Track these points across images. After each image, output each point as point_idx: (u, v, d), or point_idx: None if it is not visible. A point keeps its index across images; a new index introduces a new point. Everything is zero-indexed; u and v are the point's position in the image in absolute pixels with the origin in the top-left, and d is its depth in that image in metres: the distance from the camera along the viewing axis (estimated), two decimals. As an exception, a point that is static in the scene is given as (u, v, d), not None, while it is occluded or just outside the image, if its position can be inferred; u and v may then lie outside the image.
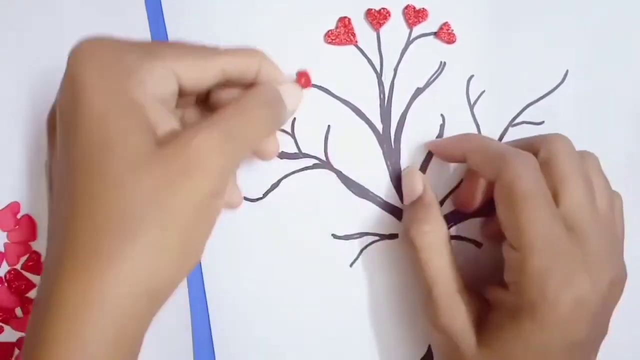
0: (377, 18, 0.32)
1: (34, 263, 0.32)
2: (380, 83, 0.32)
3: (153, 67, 0.23)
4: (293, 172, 0.32)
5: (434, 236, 0.28)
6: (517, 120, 0.32)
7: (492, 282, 0.28)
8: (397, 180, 0.32)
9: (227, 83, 0.27)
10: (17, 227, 0.32)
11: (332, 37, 0.32)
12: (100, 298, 0.20)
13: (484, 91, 0.32)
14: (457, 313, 0.27)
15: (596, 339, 0.27)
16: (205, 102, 0.29)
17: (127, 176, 0.21)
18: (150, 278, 0.21)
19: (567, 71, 0.32)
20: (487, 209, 0.30)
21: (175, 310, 0.32)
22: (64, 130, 0.23)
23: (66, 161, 0.22)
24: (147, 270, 0.21)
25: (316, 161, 0.32)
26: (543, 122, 0.32)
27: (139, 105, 0.22)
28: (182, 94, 0.25)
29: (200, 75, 0.25)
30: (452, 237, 0.32)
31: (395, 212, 0.32)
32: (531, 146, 0.28)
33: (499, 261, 0.27)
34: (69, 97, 0.22)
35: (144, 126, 0.22)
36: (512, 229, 0.26)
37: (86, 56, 0.23)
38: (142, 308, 0.21)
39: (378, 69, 0.32)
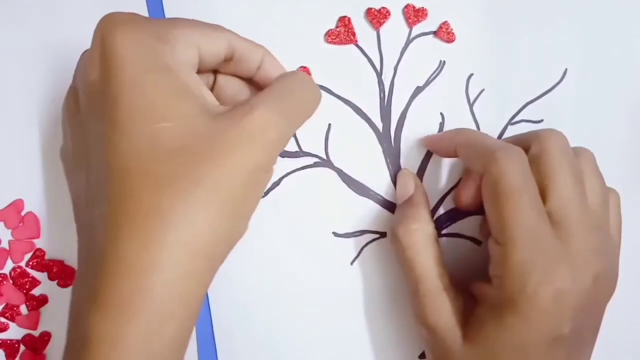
0: (377, 17, 0.32)
1: (39, 260, 0.32)
2: (380, 82, 0.32)
3: (178, 35, 0.24)
4: (294, 171, 0.32)
5: (421, 234, 0.28)
6: (517, 119, 0.32)
7: (481, 279, 0.28)
8: (397, 178, 0.32)
9: (229, 68, 0.27)
10: (22, 224, 0.32)
11: (332, 37, 0.32)
12: (163, 256, 0.20)
13: (483, 90, 0.32)
14: (443, 310, 0.27)
15: (585, 335, 0.27)
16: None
17: (181, 140, 0.21)
18: (208, 239, 0.21)
19: (566, 70, 0.32)
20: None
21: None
22: (98, 101, 0.22)
23: (107, 132, 0.22)
24: (204, 232, 0.21)
25: (317, 159, 0.32)
26: (542, 120, 0.32)
27: (176, 72, 0.23)
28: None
29: (212, 46, 0.25)
30: (451, 235, 0.33)
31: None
32: (524, 142, 0.28)
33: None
34: (102, 64, 0.22)
35: (188, 92, 0.23)
36: (496, 223, 0.26)
37: (117, 24, 0.22)
38: (201, 269, 0.22)
39: (378, 68, 0.32)
